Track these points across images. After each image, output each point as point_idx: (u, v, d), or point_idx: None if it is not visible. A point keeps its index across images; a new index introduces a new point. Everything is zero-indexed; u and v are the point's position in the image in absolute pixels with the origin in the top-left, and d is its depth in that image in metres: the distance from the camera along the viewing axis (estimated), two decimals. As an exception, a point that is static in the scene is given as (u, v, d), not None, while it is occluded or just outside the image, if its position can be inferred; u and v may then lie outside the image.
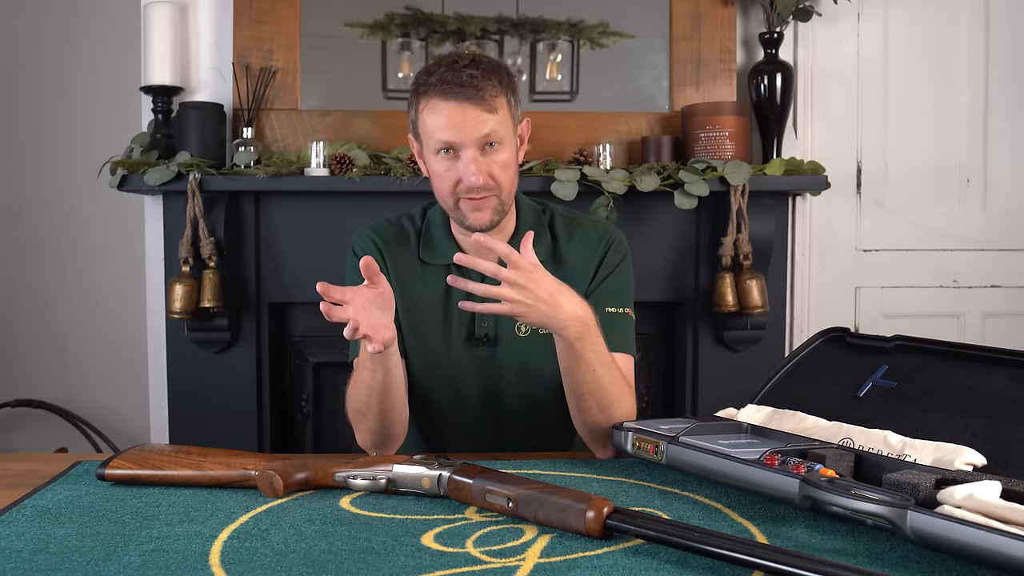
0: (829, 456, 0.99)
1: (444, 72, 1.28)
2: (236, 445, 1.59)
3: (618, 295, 1.39)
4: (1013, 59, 2.60)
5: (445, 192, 1.32)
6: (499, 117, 1.29)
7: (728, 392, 2.22)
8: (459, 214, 1.33)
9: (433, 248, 1.42)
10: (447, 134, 1.28)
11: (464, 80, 1.26)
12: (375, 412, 1.29)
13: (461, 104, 1.26)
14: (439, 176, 1.32)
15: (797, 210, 2.51)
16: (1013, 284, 2.62)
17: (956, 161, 2.61)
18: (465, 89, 1.26)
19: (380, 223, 1.47)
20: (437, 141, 1.29)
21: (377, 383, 1.25)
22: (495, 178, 1.30)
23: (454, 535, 0.89)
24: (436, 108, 1.28)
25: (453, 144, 1.28)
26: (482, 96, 1.27)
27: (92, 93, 3.05)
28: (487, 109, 1.27)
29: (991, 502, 0.81)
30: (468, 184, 1.28)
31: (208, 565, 0.81)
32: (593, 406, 1.25)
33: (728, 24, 2.41)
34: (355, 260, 1.42)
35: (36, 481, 1.09)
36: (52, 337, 3.10)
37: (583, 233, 1.43)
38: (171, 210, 2.27)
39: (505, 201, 1.33)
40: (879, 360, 1.21)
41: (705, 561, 0.81)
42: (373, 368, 1.23)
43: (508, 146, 1.32)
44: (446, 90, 1.26)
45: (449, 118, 1.27)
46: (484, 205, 1.31)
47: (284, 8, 2.34)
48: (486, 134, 1.28)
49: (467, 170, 1.28)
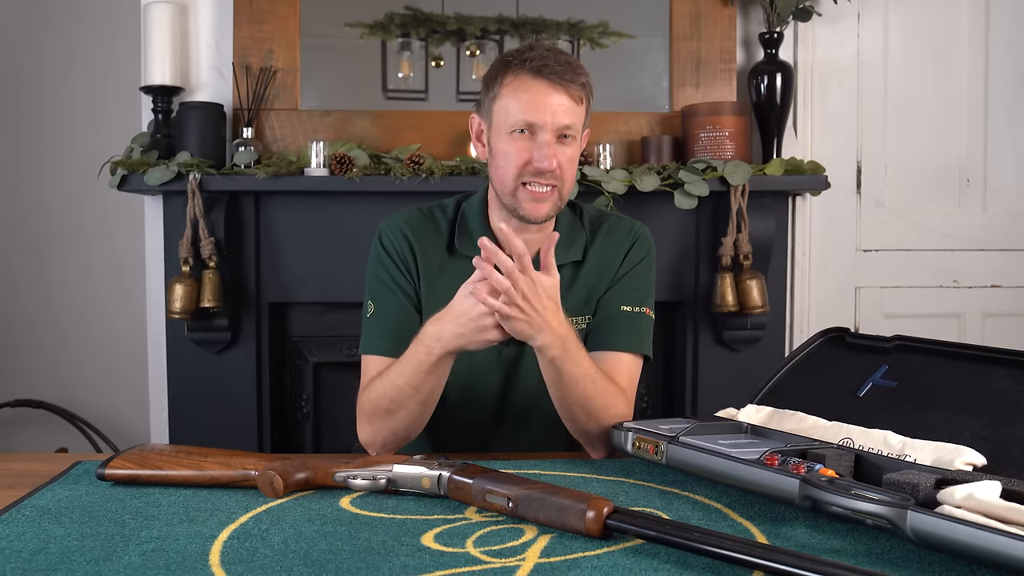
0: (829, 456, 0.99)
1: (537, 53, 1.27)
2: (236, 445, 1.59)
3: (636, 293, 1.38)
4: (1013, 59, 2.60)
5: (509, 173, 1.29)
6: (580, 111, 1.29)
7: (728, 392, 2.22)
8: (515, 201, 1.30)
9: (470, 240, 1.37)
10: (531, 114, 1.26)
11: (562, 62, 1.26)
12: (410, 411, 1.26)
13: (553, 85, 1.25)
14: (506, 155, 1.29)
15: (797, 210, 2.51)
16: (1013, 284, 2.62)
17: (956, 161, 2.61)
18: (563, 70, 1.25)
19: (411, 212, 1.43)
20: (517, 120, 1.27)
21: (430, 385, 1.23)
22: (563, 169, 1.29)
23: (454, 535, 0.89)
24: (525, 85, 1.26)
25: (534, 124, 1.26)
26: (575, 83, 1.26)
27: (92, 93, 3.05)
28: (575, 98, 1.27)
29: (991, 502, 0.81)
30: (538, 166, 1.26)
31: (208, 565, 0.81)
32: (580, 415, 1.25)
33: (728, 24, 2.41)
34: (381, 249, 1.39)
35: (36, 481, 1.09)
36: (52, 337, 3.10)
37: (609, 229, 1.43)
38: (171, 210, 2.27)
39: (564, 197, 1.32)
40: (879, 360, 1.21)
41: (705, 561, 0.81)
42: (435, 370, 1.21)
43: (577, 145, 1.31)
44: (543, 67, 1.25)
45: (536, 97, 1.26)
46: (545, 198, 1.29)
47: (284, 8, 2.34)
48: (567, 124, 1.27)
49: (541, 152, 1.26)
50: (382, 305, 1.37)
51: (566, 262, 1.38)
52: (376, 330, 1.36)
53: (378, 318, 1.37)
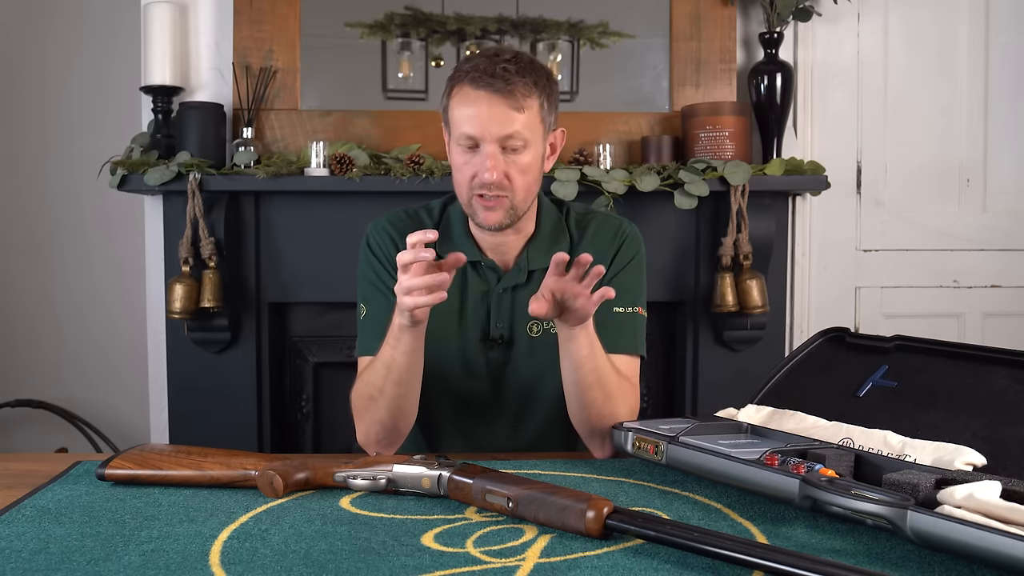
0: (829, 456, 0.99)
1: (480, 61, 1.26)
2: (236, 445, 1.59)
3: (628, 293, 1.37)
4: (1013, 59, 2.60)
5: (461, 185, 1.30)
6: (526, 118, 1.26)
7: (728, 392, 2.21)
8: (471, 209, 1.32)
9: (451, 244, 1.38)
10: (470, 127, 1.26)
11: (497, 72, 1.24)
12: (388, 397, 1.25)
13: (490, 96, 1.24)
14: (458, 168, 1.30)
15: (797, 210, 2.51)
16: (1013, 284, 2.61)
17: (956, 161, 2.61)
18: (496, 82, 1.24)
19: (397, 214, 1.43)
20: (460, 133, 1.27)
21: (398, 363, 1.22)
22: (511, 179, 1.27)
23: (454, 535, 0.89)
24: (465, 97, 1.26)
25: (475, 137, 1.26)
26: (511, 92, 1.24)
27: (92, 93, 3.05)
28: (514, 107, 1.25)
29: (991, 502, 0.81)
30: (481, 180, 1.26)
31: (208, 565, 0.81)
32: (599, 396, 1.25)
33: (728, 24, 2.41)
34: (369, 251, 1.40)
35: (36, 481, 1.09)
36: (52, 337, 3.10)
37: (596, 228, 1.42)
38: (171, 210, 2.27)
39: (519, 205, 1.31)
40: (879, 360, 1.21)
41: (705, 561, 0.81)
42: (397, 343, 1.20)
43: (532, 150, 1.29)
44: (477, 79, 1.25)
45: (475, 110, 1.25)
46: (496, 205, 1.29)
47: (284, 8, 2.33)
48: (508, 134, 1.25)
49: (483, 165, 1.26)
50: (372, 306, 1.37)
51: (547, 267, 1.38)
52: (368, 331, 1.36)
53: (369, 320, 1.37)
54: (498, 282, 1.38)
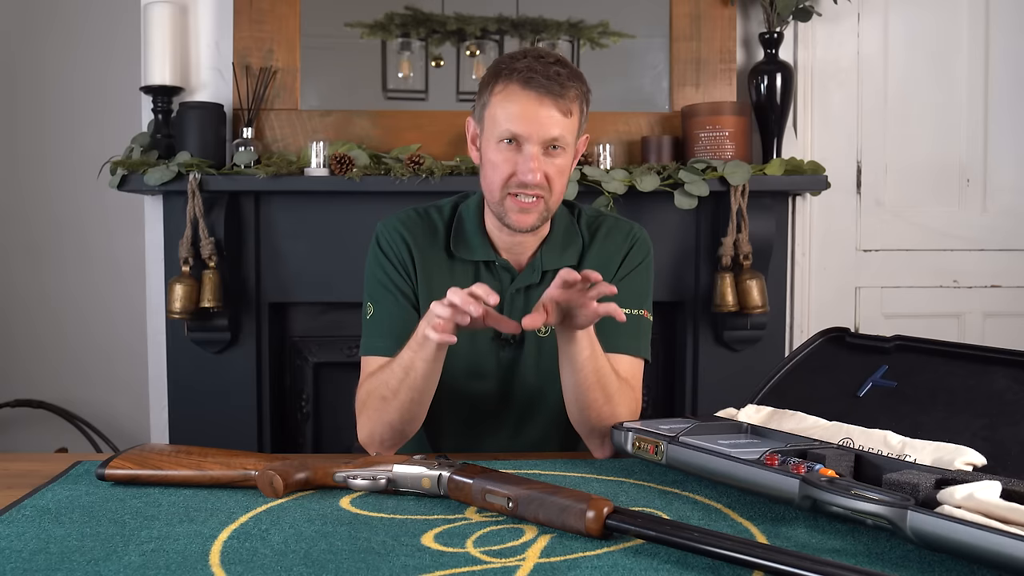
0: (829, 456, 0.99)
1: (532, 62, 1.25)
2: (236, 445, 1.59)
3: (634, 296, 1.38)
4: (1013, 59, 2.60)
5: (496, 183, 1.29)
6: (570, 123, 1.27)
7: (728, 392, 2.21)
8: (502, 209, 1.30)
9: (466, 243, 1.38)
10: (517, 125, 1.25)
11: (551, 74, 1.24)
12: (402, 400, 1.25)
13: (540, 97, 1.24)
14: (494, 165, 1.29)
15: (797, 210, 2.51)
16: (1013, 284, 2.62)
17: (956, 161, 2.61)
18: (550, 83, 1.24)
19: (407, 213, 1.42)
20: (504, 130, 1.26)
21: (417, 369, 1.21)
22: (550, 180, 1.28)
23: (454, 535, 0.89)
24: (513, 95, 1.25)
25: (520, 136, 1.26)
26: (563, 96, 1.25)
27: (92, 93, 3.05)
28: (563, 111, 1.26)
29: (991, 502, 0.81)
30: (522, 179, 1.26)
31: (208, 565, 0.81)
32: (600, 397, 1.25)
33: (728, 24, 2.41)
34: (379, 251, 1.39)
35: (36, 481, 1.09)
36: (52, 337, 3.10)
37: (608, 231, 1.42)
38: (171, 210, 2.27)
39: (551, 207, 1.32)
40: (879, 360, 1.21)
41: (705, 561, 0.81)
42: (420, 349, 1.20)
43: (568, 154, 1.30)
44: (531, 79, 1.24)
45: (524, 109, 1.25)
46: (531, 208, 1.29)
47: (284, 8, 2.34)
48: (554, 136, 1.26)
49: (526, 165, 1.25)
50: (381, 306, 1.37)
51: (561, 267, 1.38)
52: (375, 331, 1.36)
53: (377, 319, 1.37)
54: (512, 282, 1.38)
